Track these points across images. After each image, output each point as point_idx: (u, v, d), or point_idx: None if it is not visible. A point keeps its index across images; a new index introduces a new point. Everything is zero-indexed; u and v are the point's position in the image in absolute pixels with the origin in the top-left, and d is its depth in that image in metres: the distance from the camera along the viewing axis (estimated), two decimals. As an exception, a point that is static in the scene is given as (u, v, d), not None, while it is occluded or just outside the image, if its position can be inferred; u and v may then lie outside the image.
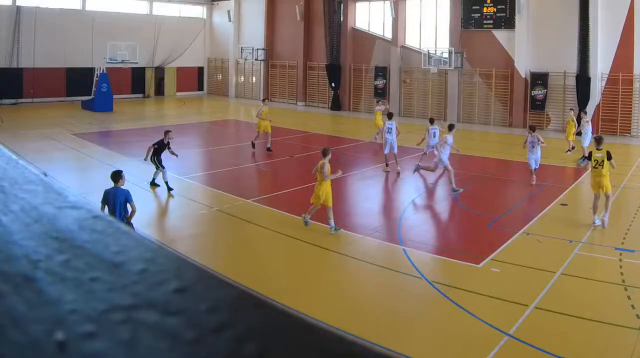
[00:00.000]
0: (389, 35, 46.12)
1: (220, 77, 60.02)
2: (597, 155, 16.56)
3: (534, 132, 21.63)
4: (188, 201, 19.25)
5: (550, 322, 10.53)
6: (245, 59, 55.57)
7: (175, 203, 19.18)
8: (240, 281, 1.20)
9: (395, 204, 19.80)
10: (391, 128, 23.20)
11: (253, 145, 27.53)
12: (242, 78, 57.98)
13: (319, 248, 14.11)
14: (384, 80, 46.20)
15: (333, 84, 48.42)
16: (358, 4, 48.54)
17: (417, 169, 22.04)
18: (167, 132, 20.41)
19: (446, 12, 42.60)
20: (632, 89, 34.48)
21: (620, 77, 34.62)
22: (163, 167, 19.77)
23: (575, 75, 35.63)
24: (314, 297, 11.87)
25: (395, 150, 23.15)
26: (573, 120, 28.22)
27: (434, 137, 24.10)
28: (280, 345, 0.68)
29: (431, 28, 44.05)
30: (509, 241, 15.04)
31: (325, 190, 15.36)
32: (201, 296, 0.77)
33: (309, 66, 51.90)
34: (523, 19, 38.11)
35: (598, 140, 17.04)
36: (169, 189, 19.45)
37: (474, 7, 40.68)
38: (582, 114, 28.24)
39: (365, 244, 14.99)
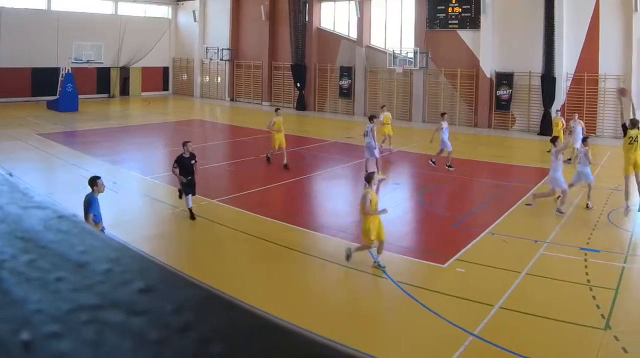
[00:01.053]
0: (354, 35, 45.59)
1: (185, 77, 59.23)
2: (632, 132, 16.93)
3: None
4: (153, 201, 18.92)
5: (515, 322, 10.45)
6: (211, 59, 54.64)
7: (140, 203, 18.86)
8: (205, 281, 0.67)
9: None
10: (368, 131, 22.04)
11: (268, 160, 24.53)
12: (207, 78, 57.25)
13: (285, 248, 13.77)
14: (349, 80, 45.53)
15: (298, 84, 47.73)
16: (323, 4, 48.02)
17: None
18: (185, 144, 17.13)
19: (411, 12, 42.06)
20: (597, 89, 34.26)
21: (586, 77, 34.40)
22: (189, 192, 16.70)
23: (540, 75, 35.22)
24: (280, 297, 11.63)
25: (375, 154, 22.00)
26: (562, 121, 27.66)
27: (446, 131, 23.45)
28: (247, 347, 0.60)
29: (396, 28, 43.53)
30: (474, 241, 14.84)
31: (373, 224, 13.17)
32: (166, 296, 0.68)
33: (274, 66, 51.18)
34: (488, 19, 37.69)
35: (634, 122, 17.23)
36: (192, 216, 16.63)
37: (439, 7, 40.17)
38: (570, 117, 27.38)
39: (331, 244, 14.68)
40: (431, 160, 23.54)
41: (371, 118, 22.19)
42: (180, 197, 16.46)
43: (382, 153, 26.10)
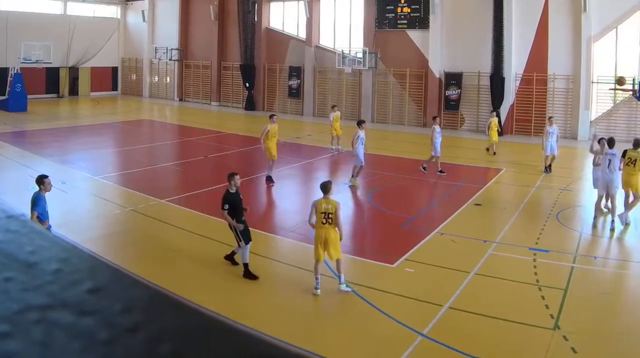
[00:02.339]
0: (303, 35, 44.64)
1: (134, 77, 57.53)
2: (632, 154, 16.14)
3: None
4: (102, 201, 18.40)
5: (464, 321, 10.28)
6: (159, 59, 53.16)
7: (89, 203, 18.41)
8: (154, 281, 0.69)
9: (309, 204, 17.53)
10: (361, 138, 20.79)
11: (271, 180, 20.80)
12: (156, 78, 55.63)
13: (233, 248, 12.85)
14: (298, 80, 44.61)
15: (247, 84, 46.62)
16: (272, 4, 46.97)
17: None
18: (231, 177, 12.79)
19: (360, 12, 41.16)
20: (546, 89, 33.96)
21: (535, 77, 34.05)
22: (243, 240, 12.52)
23: (489, 75, 34.65)
24: (229, 297, 11.44)
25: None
26: (495, 124, 27.46)
27: (440, 135, 22.68)
28: (196, 346, 0.62)
29: (345, 28, 42.74)
30: (423, 241, 14.63)
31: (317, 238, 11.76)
32: (115, 296, 0.69)
33: (223, 66, 50.04)
34: (437, 19, 37.01)
35: (636, 143, 16.36)
36: (250, 275, 12.36)
37: (388, 7, 39.32)
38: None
39: (281, 244, 14.68)
40: (422, 166, 22.77)
41: (359, 123, 21.06)
42: (239, 245, 12.51)
43: (332, 153, 26.16)
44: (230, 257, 12.78)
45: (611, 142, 16.40)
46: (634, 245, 15.19)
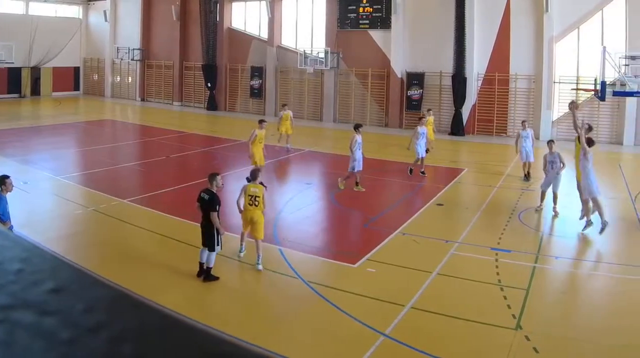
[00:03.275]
0: (265, 35, 43.89)
1: (96, 77, 56.25)
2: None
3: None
4: (64, 201, 17.88)
5: (426, 321, 10.13)
6: (121, 59, 52.32)
7: (51, 203, 17.89)
8: (116, 281, 0.70)
9: (272, 204, 17.76)
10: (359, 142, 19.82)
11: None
12: (119, 78, 54.53)
13: (195, 248, 12.52)
14: (260, 80, 43.83)
15: (209, 84, 45.80)
16: (234, 4, 46.25)
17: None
18: (213, 177, 12.11)
19: (322, 12, 40.68)
20: (508, 89, 33.69)
21: (497, 77, 33.76)
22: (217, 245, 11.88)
23: (451, 75, 34.29)
24: (191, 296, 11.17)
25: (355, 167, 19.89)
26: (431, 123, 26.82)
27: (423, 137, 22.02)
28: (157, 346, 0.64)
29: (307, 28, 42.02)
30: (385, 241, 14.37)
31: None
32: (77, 296, 0.70)
33: (185, 66, 49.11)
34: (399, 19, 36.55)
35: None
36: (211, 277, 11.85)
37: (350, 7, 38.83)
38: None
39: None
40: (409, 169, 22.05)
41: (356, 127, 20.01)
42: (214, 248, 11.80)
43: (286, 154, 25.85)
44: (208, 276, 11.82)
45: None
46: (595, 245, 14.94)
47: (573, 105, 17.11)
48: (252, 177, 12.88)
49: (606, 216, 14.94)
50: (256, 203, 12.48)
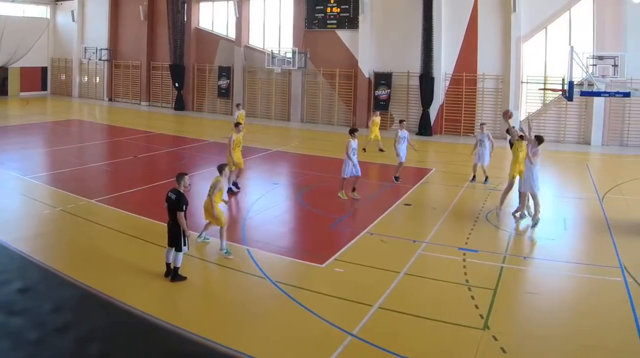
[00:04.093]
0: (232, 35, 43.12)
1: (63, 77, 54.91)
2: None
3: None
4: (31, 201, 17.46)
5: (394, 321, 9.89)
6: (89, 59, 51.10)
7: (18, 203, 17.46)
8: (84, 281, 0.70)
9: (240, 204, 18.18)
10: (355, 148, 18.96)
11: (235, 188, 18.92)
12: (86, 78, 53.30)
13: (163, 248, 11.97)
14: (228, 80, 43.09)
15: (177, 84, 44.99)
16: (202, 4, 45.44)
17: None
18: (181, 177, 11.68)
19: (290, 12, 39.99)
20: (475, 89, 33.20)
21: (464, 77, 33.34)
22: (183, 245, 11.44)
23: (419, 75, 33.76)
24: (158, 296, 10.79)
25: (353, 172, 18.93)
26: (377, 123, 27.13)
27: (404, 141, 21.08)
28: (124, 346, 0.62)
29: (275, 28, 41.32)
30: (353, 241, 14.09)
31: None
32: (45, 296, 0.65)
33: (153, 66, 48.15)
34: (367, 19, 36.00)
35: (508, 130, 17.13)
36: (179, 277, 11.38)
37: (317, 7, 38.29)
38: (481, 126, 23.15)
39: (210, 244, 13.53)
40: (395, 177, 20.87)
41: (352, 132, 18.86)
42: (180, 249, 11.34)
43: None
44: (176, 276, 11.41)
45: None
46: (562, 246, 14.59)
47: (507, 116, 17.71)
48: (219, 170, 13.16)
49: (540, 214, 15.24)
50: (209, 192, 12.86)
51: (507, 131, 17.38)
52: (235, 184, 18.74)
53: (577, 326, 9.81)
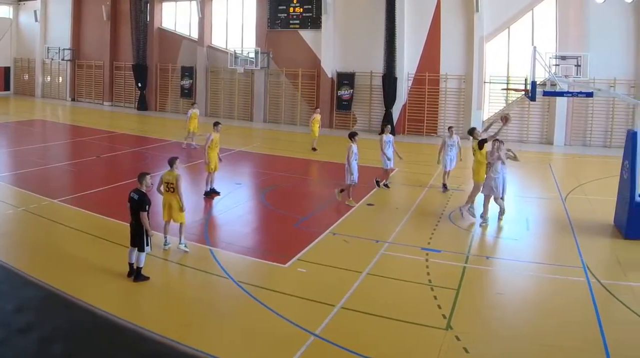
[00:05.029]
0: (195, 35, 42.13)
1: (26, 77, 53.19)
2: (472, 144, 15.92)
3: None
4: None
5: (356, 322, 9.61)
6: (52, 59, 49.28)
7: None
8: (47, 281, 0.73)
9: (202, 204, 17.50)
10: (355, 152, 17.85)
11: (215, 191, 17.80)
12: (49, 78, 51.72)
13: (126, 248, 11.59)
14: (190, 81, 42.03)
15: (139, 84, 43.85)
16: (164, 4, 44.28)
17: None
18: (142, 177, 11.23)
19: (253, 12, 38.92)
20: (438, 89, 32.55)
21: (427, 77, 32.68)
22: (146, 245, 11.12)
23: (382, 75, 32.99)
24: (121, 296, 10.36)
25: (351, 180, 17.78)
26: (318, 120, 26.59)
27: (390, 146, 19.55)
28: (87, 346, 0.63)
29: (238, 28, 40.41)
30: (316, 241, 13.76)
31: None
32: (8, 296, 0.65)
33: (116, 66, 46.88)
34: (329, 19, 35.21)
35: (471, 131, 16.40)
36: (138, 277, 11.00)
37: (280, 7, 37.46)
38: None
39: (172, 244, 13.04)
40: (384, 184, 19.74)
41: (352, 136, 17.73)
42: (143, 249, 11.07)
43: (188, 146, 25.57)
44: (139, 276, 11.06)
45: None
46: (525, 246, 14.27)
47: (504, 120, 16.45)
48: (169, 164, 12.85)
49: (489, 214, 15.26)
50: (171, 189, 12.62)
51: (471, 132, 16.56)
52: (213, 189, 17.78)
53: (540, 326, 9.63)
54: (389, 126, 20.94)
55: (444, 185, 19.14)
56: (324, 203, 17.97)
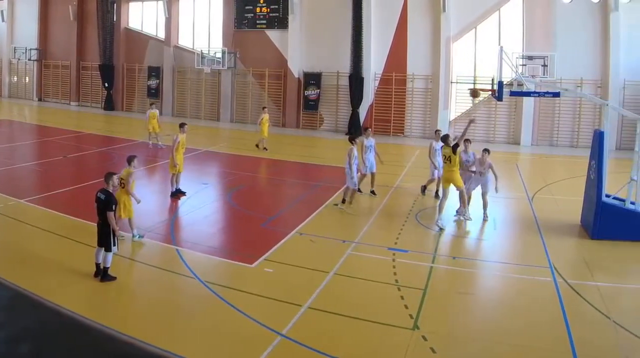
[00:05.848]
0: (162, 35, 41.06)
1: None
2: (445, 151, 14.99)
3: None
4: None
5: (323, 322, 9.45)
6: (19, 59, 47.68)
7: None
8: (13, 281, 0.76)
9: (169, 204, 17.08)
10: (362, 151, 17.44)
11: (181, 191, 17.30)
12: (16, 78, 50.23)
13: (93, 248, 11.15)
14: (157, 81, 40.98)
15: (106, 84, 42.67)
16: (131, 4, 43.18)
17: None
18: (109, 176, 11.04)
19: (219, 12, 38.04)
20: (405, 88, 31.86)
21: (394, 77, 32.01)
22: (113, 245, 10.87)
23: (348, 75, 32.27)
24: (89, 296, 10.23)
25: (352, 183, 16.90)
26: (267, 119, 26.15)
27: (371, 150, 18.31)
28: (54, 345, 0.65)
29: (204, 28, 39.52)
30: (282, 241, 13.49)
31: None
32: None
33: (83, 66, 45.53)
34: (296, 19, 34.49)
35: (445, 138, 15.19)
36: (105, 277, 10.77)
37: (247, 7, 36.66)
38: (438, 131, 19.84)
39: (139, 244, 12.87)
40: (371, 191, 18.36)
41: (351, 139, 16.99)
42: (110, 249, 10.80)
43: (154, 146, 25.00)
44: (105, 276, 10.82)
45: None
46: (492, 245, 14.18)
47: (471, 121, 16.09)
48: (127, 161, 12.94)
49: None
50: (122, 184, 12.59)
51: (445, 139, 15.12)
52: (179, 190, 17.16)
53: (507, 326, 9.46)
54: (369, 129, 18.92)
55: (424, 187, 18.02)
56: (290, 203, 17.86)
